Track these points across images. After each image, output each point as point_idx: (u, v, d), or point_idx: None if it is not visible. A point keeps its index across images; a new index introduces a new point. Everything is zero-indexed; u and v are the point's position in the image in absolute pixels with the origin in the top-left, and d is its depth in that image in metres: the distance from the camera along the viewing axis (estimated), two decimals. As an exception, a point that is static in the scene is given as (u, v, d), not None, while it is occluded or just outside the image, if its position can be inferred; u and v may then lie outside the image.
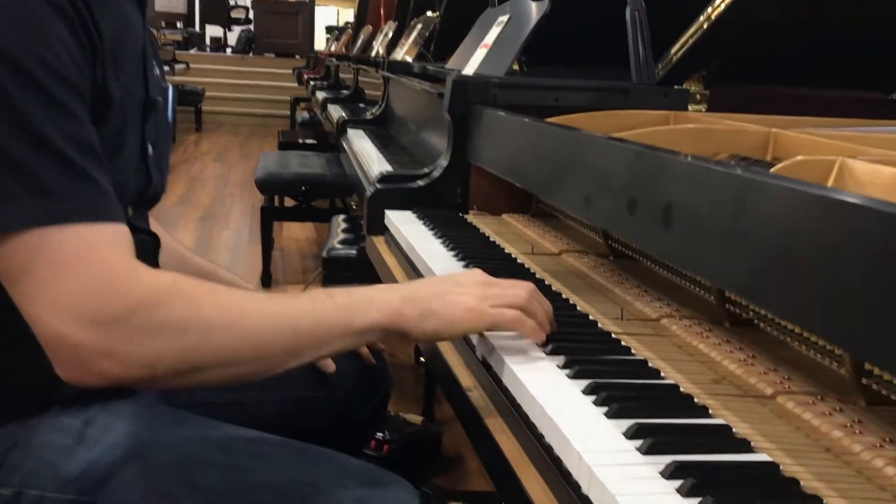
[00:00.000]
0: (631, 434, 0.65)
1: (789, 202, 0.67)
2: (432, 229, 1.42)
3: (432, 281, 0.93)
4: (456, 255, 1.24)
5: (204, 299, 0.76)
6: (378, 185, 1.65)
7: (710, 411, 0.71)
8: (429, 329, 0.83)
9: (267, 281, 3.49)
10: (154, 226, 1.14)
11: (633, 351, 0.86)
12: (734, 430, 0.68)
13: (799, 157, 0.97)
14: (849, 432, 0.69)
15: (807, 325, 0.70)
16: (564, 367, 0.80)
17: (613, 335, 0.91)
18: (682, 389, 0.76)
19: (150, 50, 0.95)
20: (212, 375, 0.78)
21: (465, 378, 0.93)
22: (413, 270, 1.30)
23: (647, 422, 0.67)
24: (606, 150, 1.00)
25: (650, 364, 0.82)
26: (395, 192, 1.63)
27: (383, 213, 1.58)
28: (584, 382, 0.75)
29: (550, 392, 0.74)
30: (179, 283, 0.76)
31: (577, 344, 0.86)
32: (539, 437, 0.71)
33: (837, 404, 0.74)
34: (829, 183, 0.93)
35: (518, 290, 0.86)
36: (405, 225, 1.46)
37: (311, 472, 0.85)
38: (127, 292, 0.72)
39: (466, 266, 1.18)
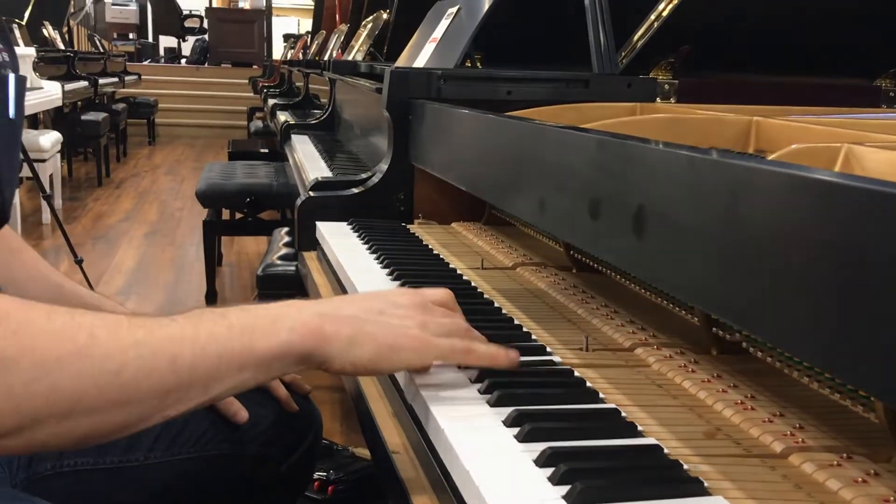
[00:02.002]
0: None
1: (801, 196, 0.49)
2: (366, 242, 1.22)
3: (362, 297, 0.73)
4: (390, 274, 1.05)
5: (35, 323, 0.55)
6: (311, 193, 1.45)
7: (706, 484, 0.53)
8: (360, 357, 0.65)
9: (213, 299, 3.26)
10: (18, 253, 0.94)
11: (601, 395, 0.67)
12: (741, 513, 0.50)
13: (795, 146, 0.80)
14: (893, 509, 0.50)
15: (825, 366, 0.52)
16: (512, 424, 0.61)
17: (577, 373, 0.72)
18: (666, 452, 0.57)
19: None
20: (55, 432, 0.56)
21: (391, 433, 0.74)
22: (343, 292, 1.11)
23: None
24: (562, 141, 0.81)
25: (623, 414, 0.64)
26: (330, 201, 1.44)
27: (315, 225, 1.38)
28: (538, 448, 0.56)
29: (492, 466, 0.55)
30: (2, 304, 0.55)
31: (528, 390, 0.67)
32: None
33: (870, 465, 0.56)
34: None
35: (455, 318, 0.71)
36: (336, 238, 1.26)
37: None
38: None
39: (402, 286, 0.99)
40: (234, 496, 0.97)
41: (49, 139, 4.56)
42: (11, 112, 0.76)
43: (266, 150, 4.43)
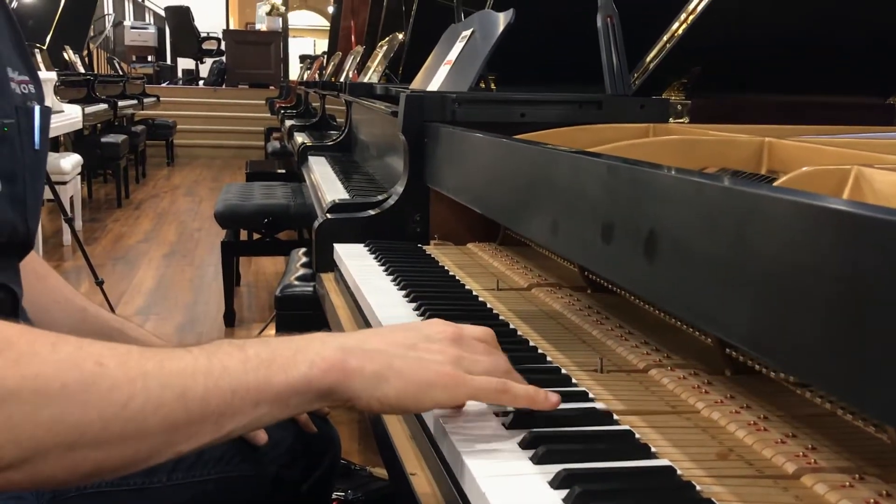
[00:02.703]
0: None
1: (808, 223, 0.50)
2: (383, 264, 1.24)
3: (392, 329, 0.68)
4: (407, 295, 1.06)
5: (39, 353, 0.54)
6: (328, 216, 1.47)
7: (718, 505, 0.54)
8: (386, 394, 0.61)
9: (231, 320, 3.29)
10: (44, 279, 0.96)
11: (615, 417, 0.68)
12: (753, 534, 0.50)
13: (805, 168, 0.81)
14: (905, 530, 0.51)
15: (838, 395, 0.53)
16: (534, 456, 0.61)
17: (591, 395, 0.73)
18: (679, 473, 0.58)
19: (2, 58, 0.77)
20: (60, 465, 0.53)
21: (421, 483, 0.70)
22: (360, 313, 1.12)
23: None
24: (574, 166, 0.83)
25: (637, 435, 0.64)
26: (347, 223, 1.46)
27: (332, 246, 1.40)
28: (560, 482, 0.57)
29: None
30: (6, 332, 0.54)
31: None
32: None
33: (882, 486, 0.56)
34: (845, 196, 0.77)
35: (496, 356, 0.67)
36: (353, 260, 1.28)
37: None
38: None
39: (418, 308, 1.00)
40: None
41: (70, 162, 4.63)
42: (37, 143, 0.78)
43: (283, 171, 4.47)
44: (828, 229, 0.49)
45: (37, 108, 0.78)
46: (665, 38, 1.49)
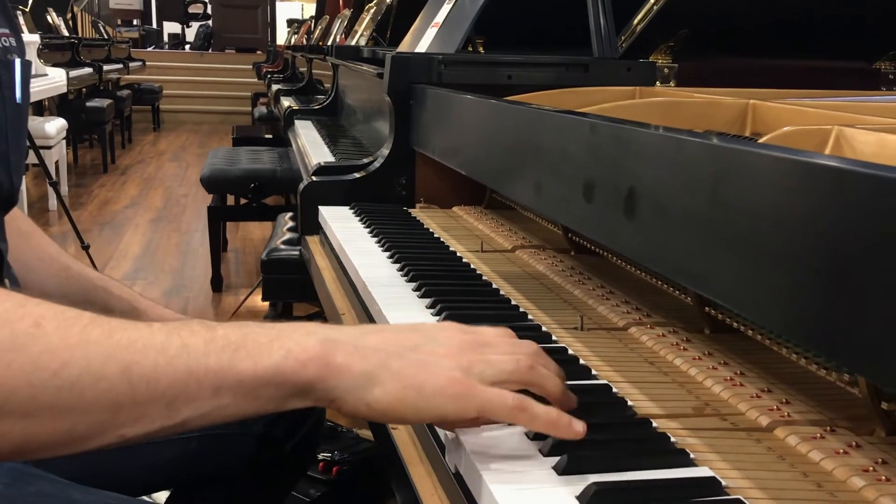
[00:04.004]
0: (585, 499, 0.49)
1: (788, 178, 0.51)
2: (368, 226, 1.24)
3: (395, 327, 0.61)
4: (391, 257, 1.07)
5: None
6: (313, 178, 1.47)
7: (692, 456, 0.55)
8: (378, 399, 0.53)
9: (218, 285, 3.29)
10: (29, 235, 0.96)
11: (593, 373, 0.69)
12: (724, 483, 0.51)
13: (787, 128, 0.81)
14: (871, 479, 0.52)
15: (813, 346, 0.54)
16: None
17: (571, 351, 0.74)
18: (655, 426, 0.59)
19: None
20: None
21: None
22: (344, 275, 1.12)
23: (606, 480, 0.50)
24: (556, 125, 0.83)
25: (614, 390, 0.65)
26: (333, 185, 1.45)
27: (317, 209, 1.40)
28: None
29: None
30: None
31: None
32: None
33: (852, 437, 0.58)
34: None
35: (516, 349, 0.57)
36: (338, 222, 1.28)
37: None
38: None
39: (402, 269, 1.01)
40: (239, 475, 0.99)
41: (54, 126, 4.58)
42: (18, 96, 0.78)
43: (270, 136, 4.44)
44: (807, 184, 0.49)
45: (17, 62, 0.77)
46: (652, 1, 1.49)
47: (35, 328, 0.49)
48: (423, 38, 2.03)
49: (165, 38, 12.49)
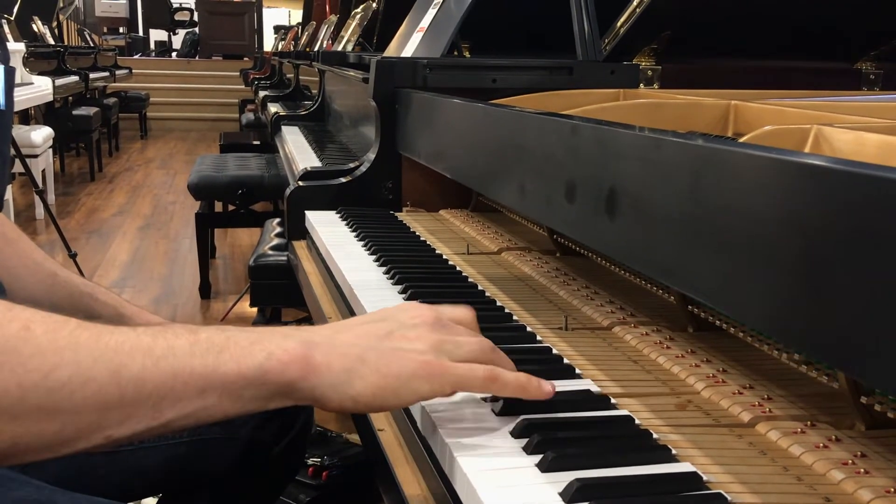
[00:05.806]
0: (570, 496, 0.49)
1: (767, 176, 0.51)
2: (355, 230, 1.24)
3: (363, 320, 0.63)
4: (377, 260, 1.07)
5: None
6: (300, 183, 1.47)
7: (674, 451, 0.55)
8: (362, 392, 0.56)
9: (206, 292, 3.28)
10: (14, 242, 0.95)
11: (577, 371, 0.70)
12: (706, 478, 0.52)
13: (767, 127, 0.82)
14: (851, 472, 0.53)
15: (793, 342, 0.54)
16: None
17: (555, 351, 0.74)
18: (637, 423, 0.60)
19: None
20: None
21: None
22: (331, 279, 1.13)
23: (589, 476, 0.51)
24: (538, 127, 0.83)
25: (596, 389, 0.66)
26: (319, 190, 1.46)
27: (304, 214, 1.40)
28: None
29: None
30: None
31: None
32: None
33: (832, 432, 0.58)
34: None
35: (476, 333, 0.63)
36: (325, 227, 1.28)
37: None
38: None
39: (388, 272, 1.01)
40: (227, 480, 0.99)
41: (41, 134, 4.56)
42: (2, 103, 0.78)
43: (258, 142, 4.44)
44: (785, 182, 0.50)
45: (1, 69, 0.77)
46: (635, 3, 1.50)
47: (25, 331, 0.50)
48: (408, 43, 2.04)
49: (152, 46, 12.46)
